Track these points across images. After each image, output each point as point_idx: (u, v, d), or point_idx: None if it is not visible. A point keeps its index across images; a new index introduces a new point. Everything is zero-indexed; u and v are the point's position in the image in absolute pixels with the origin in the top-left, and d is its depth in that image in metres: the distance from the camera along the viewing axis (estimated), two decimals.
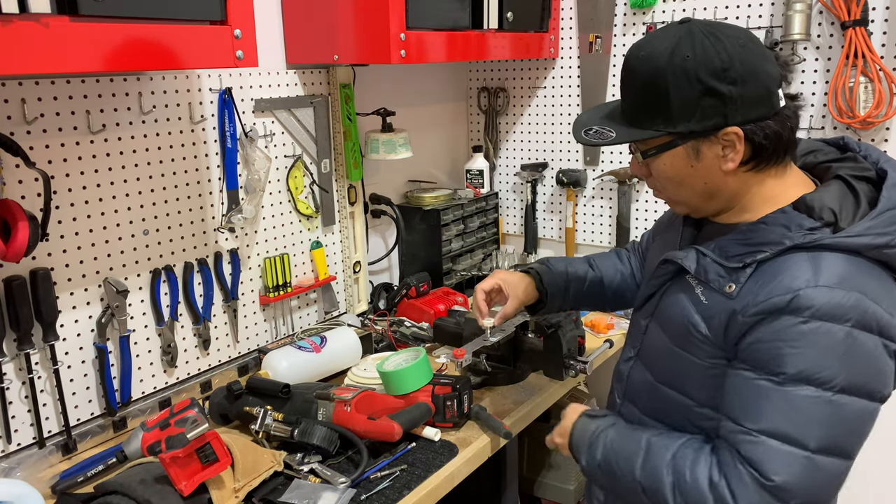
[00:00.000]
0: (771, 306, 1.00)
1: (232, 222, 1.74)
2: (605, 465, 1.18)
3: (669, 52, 1.04)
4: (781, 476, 0.98)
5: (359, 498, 1.30)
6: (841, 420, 0.98)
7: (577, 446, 1.25)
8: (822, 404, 0.98)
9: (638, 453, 1.13)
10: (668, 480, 1.07)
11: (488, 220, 2.50)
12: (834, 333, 0.97)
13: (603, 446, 1.19)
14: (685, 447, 1.09)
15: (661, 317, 1.19)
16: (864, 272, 1.00)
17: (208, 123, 1.70)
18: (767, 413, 1.00)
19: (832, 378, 0.97)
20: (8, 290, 1.35)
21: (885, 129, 1.89)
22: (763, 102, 1.04)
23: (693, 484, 1.04)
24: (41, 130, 1.40)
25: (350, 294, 2.14)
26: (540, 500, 2.31)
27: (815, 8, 1.89)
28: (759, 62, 1.03)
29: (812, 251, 1.01)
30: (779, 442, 0.99)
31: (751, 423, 1.01)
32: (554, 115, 2.45)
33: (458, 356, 1.57)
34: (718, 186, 1.10)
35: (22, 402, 1.42)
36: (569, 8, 2.33)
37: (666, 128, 1.07)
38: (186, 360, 1.72)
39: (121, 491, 1.23)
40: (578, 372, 1.68)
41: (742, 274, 1.05)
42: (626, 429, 1.20)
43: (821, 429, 0.98)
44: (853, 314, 0.97)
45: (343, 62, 1.82)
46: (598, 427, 1.22)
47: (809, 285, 0.98)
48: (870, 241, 1.00)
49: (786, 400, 0.99)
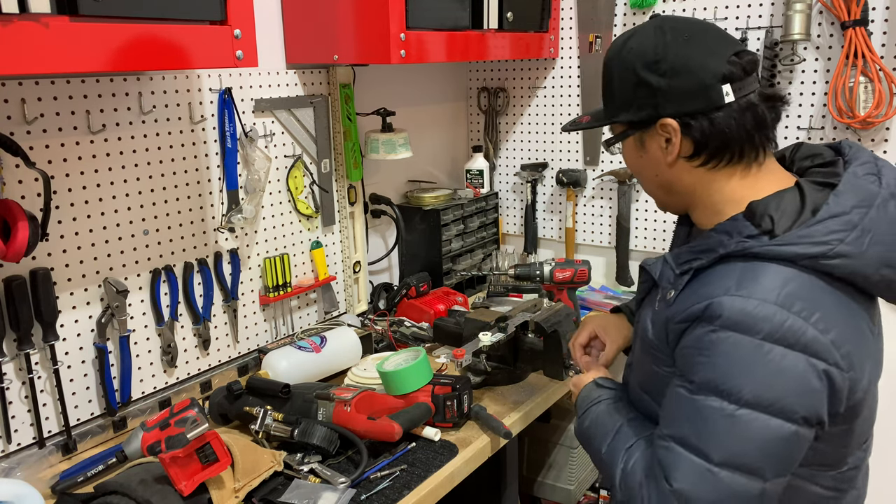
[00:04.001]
0: (690, 314, 1.00)
1: (232, 222, 1.74)
2: (588, 433, 1.23)
3: (621, 45, 1.10)
4: (680, 484, 0.97)
5: (359, 498, 1.30)
6: (746, 437, 0.95)
7: (578, 406, 1.30)
8: (725, 417, 0.95)
9: (609, 433, 1.17)
10: (620, 466, 1.10)
11: (488, 220, 2.50)
12: (742, 345, 0.94)
13: (590, 417, 1.24)
14: (643, 440, 1.12)
15: (637, 325, 1.22)
16: (796, 284, 0.95)
17: (208, 123, 1.70)
18: (678, 420, 1.01)
19: (737, 391, 0.94)
20: (8, 290, 1.35)
21: (885, 129, 1.89)
22: (697, 95, 1.03)
23: (631, 475, 1.07)
24: (41, 130, 1.40)
25: (350, 294, 2.14)
26: (540, 500, 2.31)
27: (815, 8, 1.89)
28: (699, 56, 1.03)
29: (746, 260, 0.99)
30: (683, 449, 0.98)
31: (666, 427, 1.03)
32: (554, 115, 2.45)
33: (458, 356, 1.57)
34: (670, 180, 1.11)
35: (22, 402, 1.42)
36: (569, 8, 2.33)
37: (614, 117, 1.12)
38: (186, 360, 1.72)
39: (121, 491, 1.23)
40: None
41: (681, 281, 1.06)
42: (614, 407, 1.23)
43: (723, 442, 0.95)
44: (765, 326, 0.93)
45: (343, 62, 1.82)
46: (598, 397, 1.27)
47: (726, 294, 0.96)
48: (802, 250, 0.96)
49: (694, 409, 0.98)
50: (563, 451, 2.22)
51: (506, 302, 2.19)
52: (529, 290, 2.16)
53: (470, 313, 1.93)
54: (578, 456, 2.22)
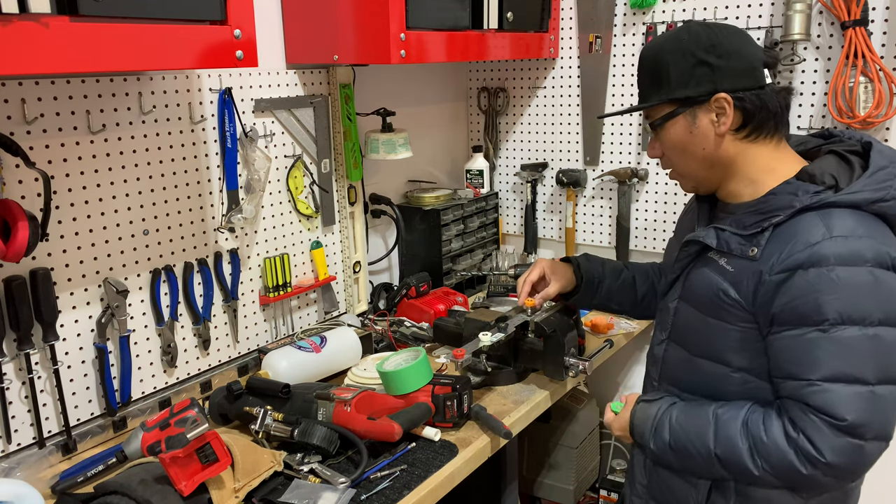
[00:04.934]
0: (794, 262, 1.11)
1: (232, 222, 1.74)
2: (676, 444, 1.25)
3: (670, 38, 1.27)
4: (853, 414, 1.07)
5: (359, 498, 1.30)
6: (886, 350, 1.09)
7: (640, 433, 1.32)
8: (868, 339, 1.08)
9: (707, 427, 1.21)
10: (745, 446, 1.16)
11: (488, 220, 2.50)
12: (859, 275, 1.08)
13: (669, 427, 1.26)
14: (752, 412, 1.18)
15: (689, 294, 1.30)
16: (868, 222, 1.12)
17: (208, 123, 1.70)
18: (823, 361, 1.10)
19: (870, 314, 1.08)
20: (8, 290, 1.35)
21: (885, 129, 1.88)
22: (748, 75, 1.22)
23: (772, 444, 1.13)
24: (41, 130, 1.40)
25: (350, 294, 2.14)
26: (540, 500, 2.31)
27: (815, 8, 1.89)
28: (744, 45, 1.23)
29: (820, 210, 1.13)
30: (841, 384, 1.08)
31: (811, 374, 1.11)
32: (554, 115, 2.45)
33: (458, 356, 1.57)
34: (717, 153, 1.25)
35: (22, 402, 1.43)
36: (569, 8, 2.33)
37: (668, 95, 1.25)
38: (186, 360, 1.72)
39: (121, 491, 1.23)
40: (578, 372, 1.68)
41: (761, 237, 1.17)
42: (689, 405, 1.27)
43: (874, 362, 1.08)
44: (870, 255, 1.09)
45: (343, 62, 1.82)
46: (659, 409, 1.30)
47: (826, 238, 1.10)
48: (868, 195, 1.13)
49: (837, 344, 1.09)
50: (563, 451, 2.22)
51: (506, 302, 2.19)
52: None
53: (470, 313, 1.93)
54: (578, 456, 2.22)
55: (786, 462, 1.12)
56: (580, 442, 2.22)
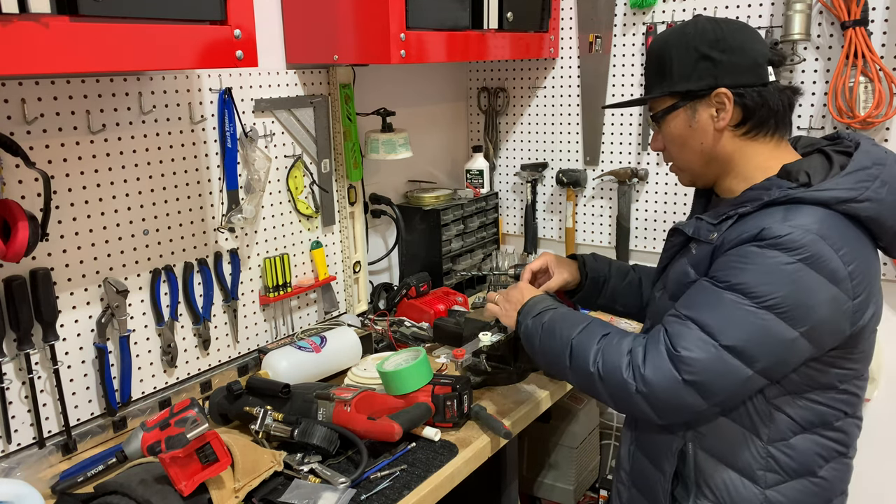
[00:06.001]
0: (742, 239, 1.15)
1: (232, 222, 1.74)
2: (547, 327, 1.33)
3: (677, 31, 1.28)
4: (688, 352, 1.13)
5: (359, 498, 1.30)
6: (758, 332, 1.11)
7: (527, 310, 1.40)
8: (747, 313, 1.11)
9: (582, 322, 1.29)
10: (596, 344, 1.23)
11: (488, 220, 2.50)
12: (781, 261, 1.10)
13: (552, 315, 1.35)
14: (620, 333, 1.25)
15: (666, 282, 1.34)
16: (831, 222, 1.12)
17: (208, 123, 1.70)
18: (700, 306, 1.16)
19: (763, 295, 1.10)
20: (8, 290, 1.35)
21: (885, 129, 1.89)
22: (750, 71, 1.22)
23: (616, 348, 1.21)
24: (41, 130, 1.40)
25: (350, 294, 2.14)
26: (540, 500, 2.31)
27: (815, 8, 1.89)
28: (749, 41, 1.23)
29: (786, 204, 1.15)
30: (699, 328, 1.14)
31: (685, 309, 1.18)
32: (554, 115, 2.45)
33: (458, 356, 1.57)
34: (714, 148, 1.26)
35: (22, 402, 1.43)
36: (569, 8, 2.33)
37: (669, 88, 1.27)
38: (186, 360, 1.72)
39: (121, 491, 1.23)
40: None
41: (724, 224, 1.21)
42: (575, 313, 1.34)
43: (739, 332, 1.11)
44: (803, 251, 1.09)
45: (343, 62, 1.82)
46: (558, 305, 1.39)
47: (775, 223, 1.12)
48: (838, 194, 1.13)
49: (719, 300, 1.14)
50: (563, 451, 2.22)
51: None
52: None
53: (470, 313, 1.93)
54: (578, 456, 2.22)
55: (617, 364, 1.18)
56: (580, 442, 2.22)
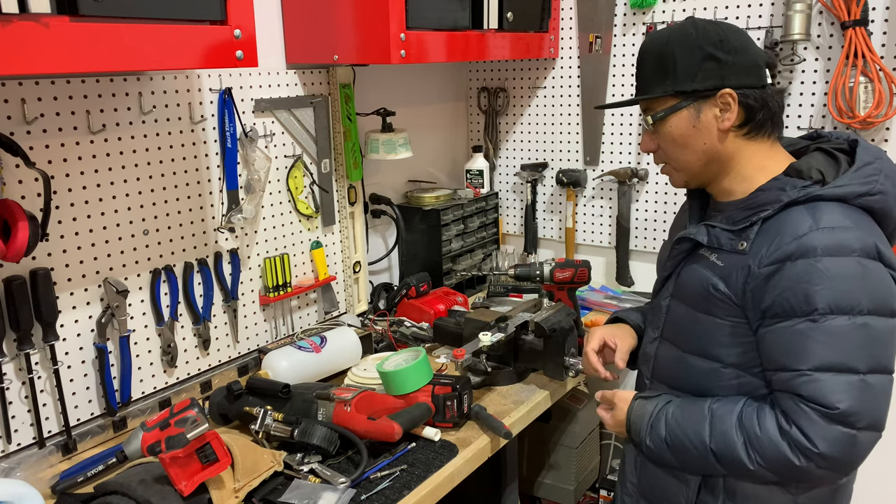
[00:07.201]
0: (782, 255, 1.13)
1: (232, 222, 1.74)
2: (673, 440, 1.25)
3: (676, 31, 1.27)
4: (845, 403, 1.08)
5: (359, 498, 1.30)
6: (876, 339, 1.10)
7: (637, 429, 1.31)
8: (858, 329, 1.09)
9: (703, 422, 1.21)
10: (740, 441, 1.16)
11: (488, 220, 2.50)
12: (847, 265, 1.10)
13: (666, 424, 1.26)
14: (747, 407, 1.18)
15: (681, 291, 1.31)
16: (854, 215, 1.14)
17: (208, 123, 1.70)
18: (814, 351, 1.10)
19: (858, 303, 1.09)
20: (8, 290, 1.35)
21: (885, 129, 1.89)
22: (752, 73, 1.23)
23: (765, 437, 1.13)
24: (41, 130, 1.40)
25: (350, 294, 2.14)
26: (540, 500, 2.31)
27: (815, 8, 1.89)
28: (749, 43, 1.25)
29: (807, 203, 1.16)
30: (832, 374, 1.09)
31: (802, 364, 1.11)
32: (554, 115, 2.45)
33: (458, 356, 1.57)
34: (715, 148, 1.26)
35: (22, 402, 1.42)
36: (569, 8, 2.33)
37: (673, 88, 1.25)
38: (186, 360, 1.72)
39: (121, 491, 1.23)
40: (578, 372, 1.68)
41: (750, 231, 1.19)
42: (685, 401, 1.27)
43: (864, 351, 1.09)
44: (857, 246, 1.10)
45: (343, 62, 1.82)
46: (656, 406, 1.30)
47: (813, 229, 1.12)
48: (854, 189, 1.15)
49: (826, 334, 1.10)
50: (563, 451, 2.22)
51: (506, 302, 2.19)
52: (529, 290, 2.16)
53: (470, 313, 1.93)
54: (578, 456, 2.22)
55: (780, 455, 1.12)
56: (580, 442, 2.22)
